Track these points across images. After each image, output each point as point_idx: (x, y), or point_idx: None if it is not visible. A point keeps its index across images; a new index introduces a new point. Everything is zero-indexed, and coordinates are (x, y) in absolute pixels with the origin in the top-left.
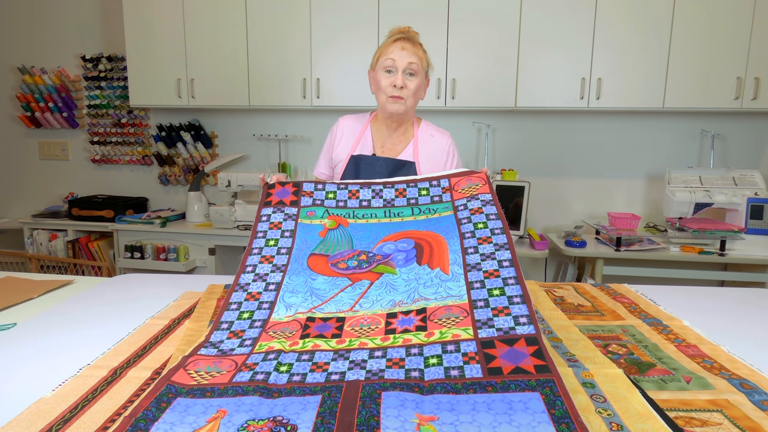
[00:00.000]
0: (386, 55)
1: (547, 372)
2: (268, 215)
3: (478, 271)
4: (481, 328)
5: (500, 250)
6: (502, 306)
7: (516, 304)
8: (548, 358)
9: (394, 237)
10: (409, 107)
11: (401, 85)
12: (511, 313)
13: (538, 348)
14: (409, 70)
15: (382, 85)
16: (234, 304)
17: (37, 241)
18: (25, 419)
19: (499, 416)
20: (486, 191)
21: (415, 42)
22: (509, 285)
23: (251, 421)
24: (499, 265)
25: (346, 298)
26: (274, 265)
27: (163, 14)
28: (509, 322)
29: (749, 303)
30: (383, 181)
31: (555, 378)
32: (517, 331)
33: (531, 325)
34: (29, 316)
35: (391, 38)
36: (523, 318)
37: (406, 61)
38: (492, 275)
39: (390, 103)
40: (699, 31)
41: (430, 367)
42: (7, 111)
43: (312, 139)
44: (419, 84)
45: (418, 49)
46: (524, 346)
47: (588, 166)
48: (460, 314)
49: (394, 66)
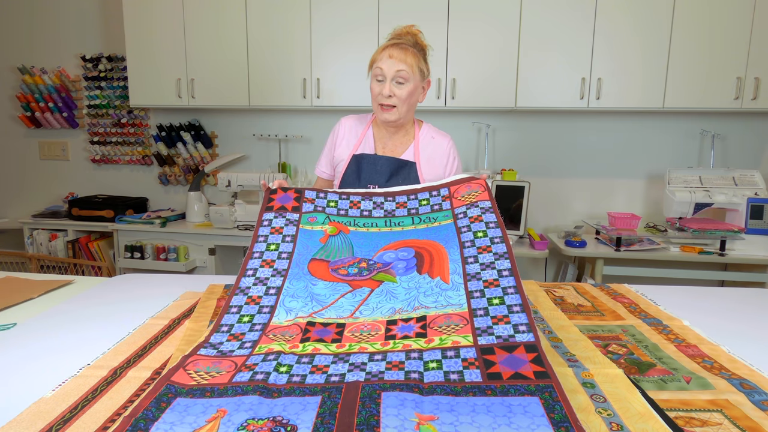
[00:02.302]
0: (376, 63)
1: (546, 378)
2: (270, 220)
3: (478, 280)
4: (481, 335)
5: (500, 260)
6: (501, 315)
7: (515, 313)
8: (547, 365)
9: (395, 246)
10: (402, 114)
11: (389, 94)
12: (511, 321)
13: (538, 355)
14: (398, 78)
15: (373, 93)
16: (234, 308)
17: (37, 241)
18: (25, 419)
19: (498, 418)
20: (485, 198)
21: (407, 48)
22: (509, 294)
23: (251, 420)
24: (498, 275)
25: (346, 304)
26: (274, 270)
27: (163, 14)
28: (509, 330)
29: (749, 303)
30: (384, 192)
31: (554, 384)
32: (516, 339)
33: (530, 333)
34: (29, 316)
35: (381, 46)
36: (522, 326)
37: (393, 69)
38: (492, 285)
39: (380, 112)
40: (699, 31)
41: (430, 371)
42: (7, 111)
43: (312, 139)
44: (411, 90)
45: (407, 56)
46: (523, 353)
47: (588, 166)
48: (459, 322)
49: (382, 75)
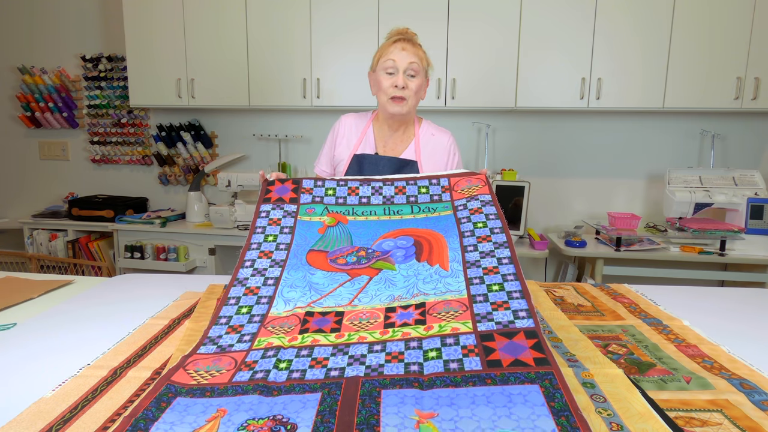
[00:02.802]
0: (387, 56)
1: (546, 365)
2: (267, 211)
3: (477, 268)
4: (481, 321)
5: (499, 248)
6: (501, 301)
7: (515, 299)
8: (547, 351)
9: (394, 234)
10: (411, 107)
11: (402, 86)
12: (510, 307)
13: (538, 341)
14: (410, 71)
15: (384, 86)
16: (233, 299)
17: (37, 241)
18: (25, 419)
19: (498, 409)
20: (485, 192)
21: (415, 42)
22: (508, 281)
23: (251, 420)
24: (498, 263)
25: (344, 292)
26: (272, 261)
27: (163, 14)
28: (508, 315)
29: (749, 303)
30: (383, 178)
31: (554, 370)
32: (516, 325)
33: (530, 319)
34: (29, 316)
35: (390, 39)
36: (522, 312)
37: (407, 61)
38: (491, 272)
39: (391, 104)
40: (699, 31)
41: (430, 361)
42: (7, 111)
43: (312, 139)
44: (420, 84)
45: (418, 50)
46: (523, 339)
47: (588, 166)
48: (459, 308)
49: (395, 67)
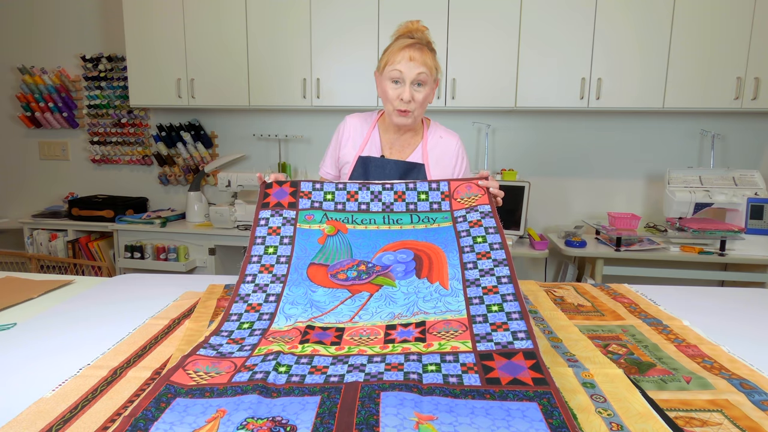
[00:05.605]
0: (393, 65)
1: (544, 384)
2: (267, 219)
3: (477, 287)
4: (480, 341)
5: (499, 266)
6: (500, 321)
7: (514, 320)
8: (546, 372)
9: (393, 246)
10: (417, 117)
11: (409, 99)
12: (510, 328)
13: (536, 362)
14: (418, 81)
15: (389, 96)
16: (234, 315)
17: (37, 241)
18: (25, 419)
19: (497, 421)
20: (485, 202)
21: (423, 48)
22: (508, 301)
23: (250, 419)
24: (497, 281)
25: (345, 310)
26: (273, 275)
27: (163, 14)
28: (507, 336)
29: (749, 303)
30: (382, 183)
31: (552, 390)
32: (515, 346)
33: (529, 340)
34: (29, 316)
35: (399, 44)
36: (521, 333)
37: (414, 72)
38: (491, 291)
39: (397, 115)
40: (699, 31)
41: (429, 373)
42: (7, 111)
43: (312, 139)
44: (427, 93)
45: (426, 57)
46: (522, 360)
47: (588, 166)
48: (459, 328)
49: (401, 78)
